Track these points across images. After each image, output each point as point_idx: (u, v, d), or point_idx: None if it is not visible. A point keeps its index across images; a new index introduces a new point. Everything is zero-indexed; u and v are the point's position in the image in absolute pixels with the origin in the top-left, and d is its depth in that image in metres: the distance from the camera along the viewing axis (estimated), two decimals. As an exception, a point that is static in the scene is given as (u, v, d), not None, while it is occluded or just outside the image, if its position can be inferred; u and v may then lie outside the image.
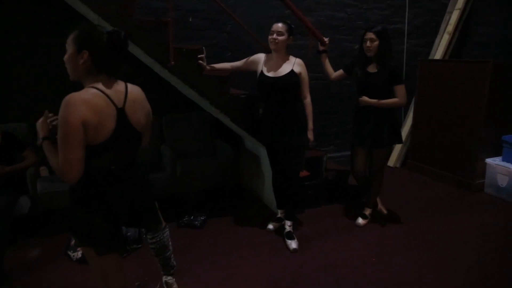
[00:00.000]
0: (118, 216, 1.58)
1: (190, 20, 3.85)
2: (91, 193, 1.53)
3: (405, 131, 4.82)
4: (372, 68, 3.02)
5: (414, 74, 4.59)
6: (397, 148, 4.82)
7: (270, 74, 2.86)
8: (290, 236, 2.97)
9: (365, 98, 3.03)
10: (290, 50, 2.91)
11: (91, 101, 1.44)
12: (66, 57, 1.50)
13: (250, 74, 3.07)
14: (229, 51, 4.09)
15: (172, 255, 2.19)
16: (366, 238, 3.08)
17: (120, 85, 1.58)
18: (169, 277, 2.20)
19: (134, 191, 1.65)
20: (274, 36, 2.78)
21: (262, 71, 2.89)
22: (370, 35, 2.91)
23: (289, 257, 2.81)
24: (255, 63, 2.97)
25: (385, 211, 3.48)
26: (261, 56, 2.97)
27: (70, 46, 1.49)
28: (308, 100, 2.93)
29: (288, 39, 2.82)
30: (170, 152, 3.54)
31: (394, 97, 2.99)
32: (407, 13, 4.83)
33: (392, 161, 4.86)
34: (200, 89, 2.95)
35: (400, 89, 2.97)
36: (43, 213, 3.08)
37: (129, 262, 2.70)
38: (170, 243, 2.15)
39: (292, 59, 2.89)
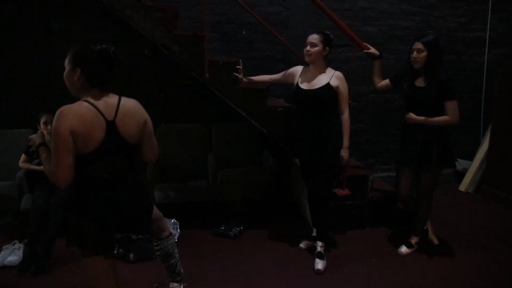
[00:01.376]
0: (106, 222, 1.67)
1: (244, 32, 3.94)
2: (82, 198, 1.66)
3: (481, 152, 4.24)
4: (420, 82, 2.74)
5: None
6: (471, 171, 4.26)
7: (304, 87, 2.77)
8: (320, 255, 2.83)
9: (412, 115, 2.76)
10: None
11: (80, 113, 1.56)
12: (64, 74, 1.66)
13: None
14: (282, 63, 4.07)
15: (179, 263, 2.25)
16: (405, 269, 2.78)
17: (113, 99, 1.68)
18: (175, 284, 2.26)
19: (125, 199, 1.72)
20: (308, 48, 2.69)
21: (297, 83, 2.82)
22: (418, 45, 2.66)
23: (312, 278, 2.67)
24: (292, 75, 2.90)
25: (436, 241, 3.10)
26: (298, 69, 2.90)
27: (67, 65, 1.64)
28: (345, 115, 2.77)
29: (324, 50, 2.70)
30: (213, 160, 3.65)
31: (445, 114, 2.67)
32: (489, 18, 4.27)
33: (464, 185, 4.31)
34: (236, 101, 3.00)
35: (451, 106, 2.64)
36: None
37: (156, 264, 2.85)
38: (175, 251, 2.21)
39: (331, 71, 2.76)
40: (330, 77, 2.72)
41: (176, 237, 3.10)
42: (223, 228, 3.36)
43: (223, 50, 3.98)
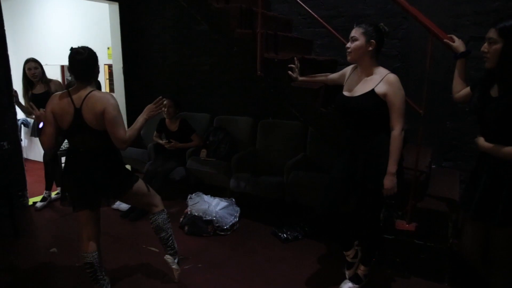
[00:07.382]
0: (79, 184, 2.16)
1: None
2: (66, 165, 2.22)
3: None
4: (495, 90, 1.84)
5: None
6: None
7: (346, 93, 2.30)
8: (356, 279, 2.49)
9: (480, 140, 1.90)
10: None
11: (59, 100, 2.13)
12: None
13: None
14: (399, 61, 3.44)
15: (171, 238, 2.51)
16: None
17: (86, 91, 2.12)
18: (168, 256, 2.52)
19: (95, 171, 2.15)
20: (347, 44, 2.23)
21: (342, 88, 2.41)
22: (491, 32, 1.78)
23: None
24: (344, 77, 2.48)
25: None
26: (348, 70, 2.43)
27: None
28: (395, 132, 2.10)
29: (368, 45, 2.13)
30: (301, 159, 3.57)
31: None
32: None
33: None
34: (290, 101, 2.87)
35: None
36: (194, 183, 4.01)
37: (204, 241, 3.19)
38: (167, 226, 2.48)
39: (381, 74, 2.16)
40: (378, 81, 2.15)
41: (228, 224, 3.30)
42: (283, 229, 3.30)
43: (331, 47, 3.73)
